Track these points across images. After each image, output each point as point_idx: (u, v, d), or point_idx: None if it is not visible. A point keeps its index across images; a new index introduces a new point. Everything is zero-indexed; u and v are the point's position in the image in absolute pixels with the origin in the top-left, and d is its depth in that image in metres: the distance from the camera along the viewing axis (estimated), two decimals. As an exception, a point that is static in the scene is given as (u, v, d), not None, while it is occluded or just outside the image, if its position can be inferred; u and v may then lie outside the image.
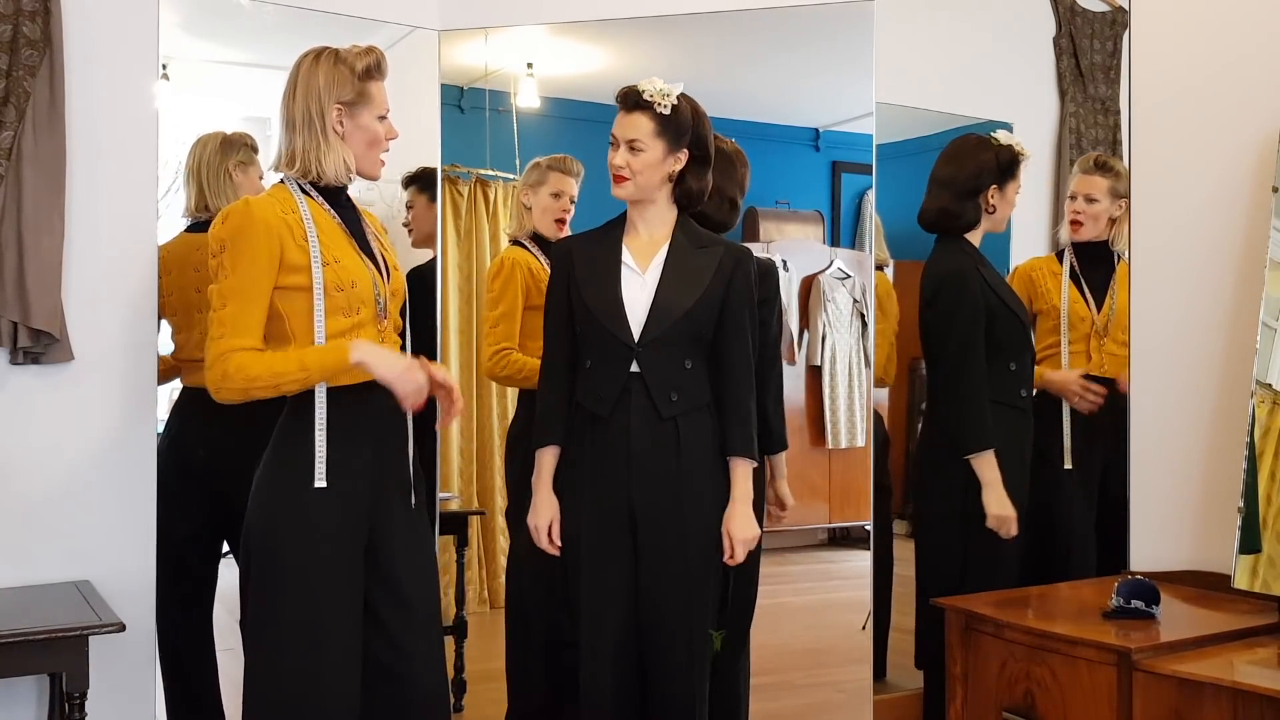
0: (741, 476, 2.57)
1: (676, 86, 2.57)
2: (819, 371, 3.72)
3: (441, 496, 3.47)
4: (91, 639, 2.48)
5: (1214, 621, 2.44)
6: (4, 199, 2.70)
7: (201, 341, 2.98)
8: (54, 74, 2.75)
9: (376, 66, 2.40)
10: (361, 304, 2.35)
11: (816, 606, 3.70)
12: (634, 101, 2.57)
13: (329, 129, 2.36)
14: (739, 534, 2.54)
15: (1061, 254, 3.34)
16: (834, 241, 3.79)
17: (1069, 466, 3.20)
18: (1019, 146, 3.19)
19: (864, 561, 3.33)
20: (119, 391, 2.91)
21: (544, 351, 2.70)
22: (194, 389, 3.05)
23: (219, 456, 2.94)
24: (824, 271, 3.73)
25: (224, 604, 3.05)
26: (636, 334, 2.54)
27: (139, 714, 2.93)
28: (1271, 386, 2.49)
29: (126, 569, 2.89)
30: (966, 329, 3.06)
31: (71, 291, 2.82)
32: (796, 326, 3.70)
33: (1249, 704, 2.06)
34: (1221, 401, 2.72)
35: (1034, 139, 3.44)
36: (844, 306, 3.72)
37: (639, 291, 2.57)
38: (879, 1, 3.24)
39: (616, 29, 3.45)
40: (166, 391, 3.04)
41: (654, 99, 2.55)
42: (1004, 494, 3.00)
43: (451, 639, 3.50)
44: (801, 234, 3.79)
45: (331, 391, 2.33)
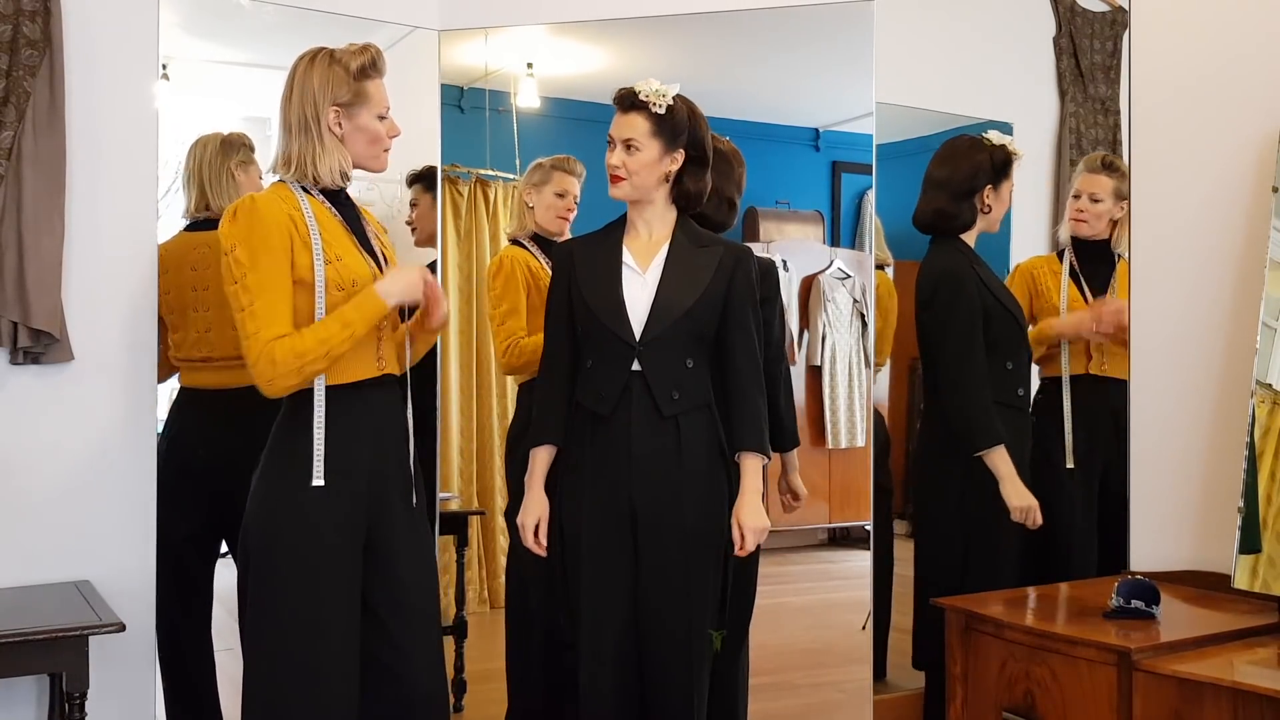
0: (752, 471, 2.58)
1: (673, 87, 2.58)
2: (819, 371, 3.72)
3: (441, 496, 3.47)
4: (91, 639, 2.48)
5: (1214, 621, 2.44)
6: (4, 199, 2.71)
7: (199, 340, 3.00)
8: (54, 74, 2.75)
9: (372, 64, 2.40)
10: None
11: (816, 606, 3.70)
12: (630, 102, 2.57)
13: (324, 132, 2.36)
14: (750, 523, 2.54)
15: (1062, 254, 3.34)
16: (834, 241, 3.79)
17: (1070, 466, 3.20)
18: (1012, 146, 3.21)
19: (864, 561, 3.33)
20: (119, 391, 2.91)
21: (544, 351, 2.70)
22: (192, 389, 3.05)
23: (218, 456, 2.94)
24: (824, 271, 3.73)
25: (224, 604, 3.05)
26: (638, 333, 2.55)
27: (139, 714, 2.93)
28: (1271, 386, 2.49)
29: (126, 569, 2.89)
30: (965, 329, 3.06)
31: (71, 291, 2.82)
32: (796, 326, 3.70)
33: (1249, 704, 2.06)
34: (1221, 401, 2.72)
35: (1034, 139, 3.44)
36: (844, 306, 3.72)
37: (640, 291, 2.58)
38: (879, 1, 3.24)
39: (616, 29, 3.45)
40: (166, 391, 3.04)
41: (649, 99, 2.55)
42: (1022, 486, 3.02)
43: (451, 639, 3.50)
44: (801, 234, 3.78)
45: (330, 390, 2.33)
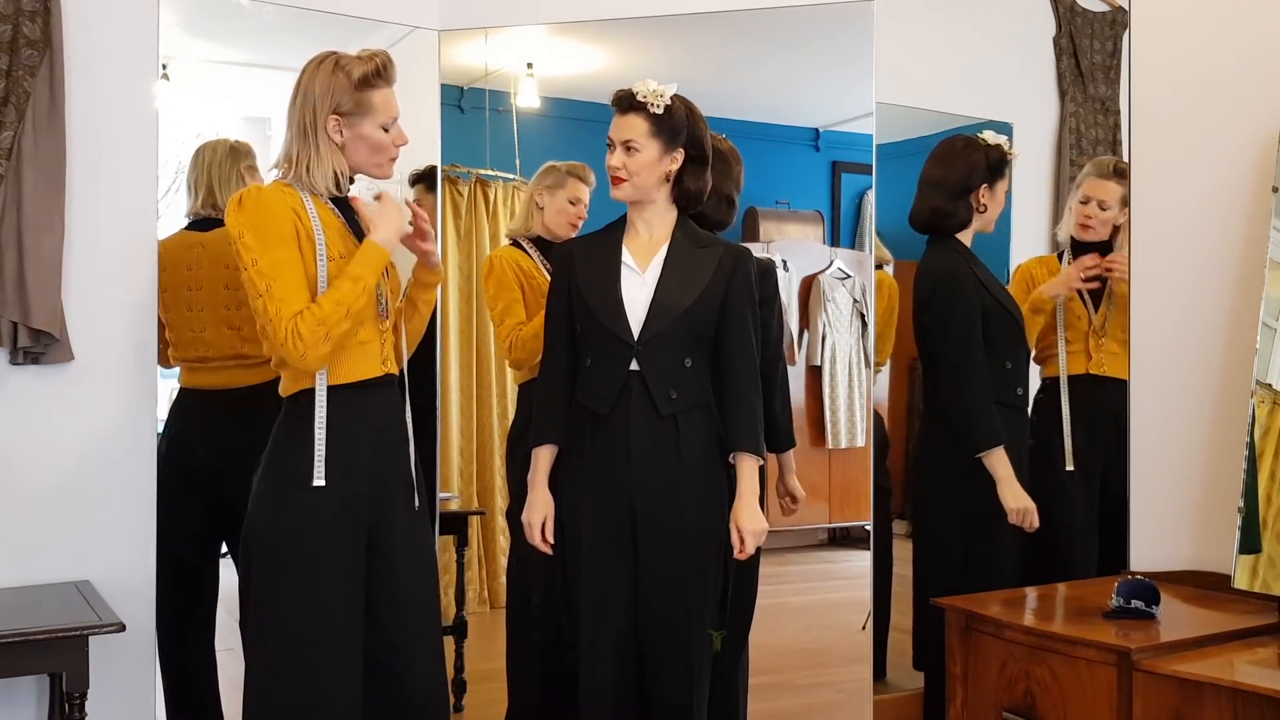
0: (748, 472, 2.57)
1: (670, 87, 2.58)
2: (819, 371, 3.72)
3: (441, 496, 3.47)
4: (91, 639, 2.48)
5: (1214, 621, 2.44)
6: (4, 199, 2.71)
7: (194, 340, 3.01)
8: (54, 74, 2.75)
9: (377, 73, 2.36)
10: (371, 308, 2.35)
11: (816, 606, 3.70)
12: (628, 103, 2.57)
13: (322, 139, 2.35)
14: (748, 526, 2.54)
15: (1061, 255, 3.34)
16: (834, 241, 3.79)
17: (1070, 468, 3.20)
18: (1007, 146, 3.21)
19: (864, 561, 3.33)
20: (119, 391, 2.91)
21: (544, 352, 2.70)
22: (191, 389, 3.05)
23: (219, 457, 2.94)
24: (824, 271, 3.73)
25: (224, 604, 3.05)
26: (636, 332, 2.55)
27: (139, 714, 2.93)
28: (1271, 386, 2.49)
29: (126, 569, 2.89)
30: (964, 329, 3.06)
31: (71, 291, 2.82)
32: (796, 326, 3.70)
33: (1249, 704, 2.06)
34: (1221, 401, 2.72)
35: (1034, 139, 3.44)
36: (844, 306, 3.72)
37: (639, 290, 2.58)
38: (879, 1, 3.24)
39: (616, 29, 3.45)
40: (166, 391, 3.04)
41: (648, 99, 2.55)
42: (1019, 488, 3.02)
43: (451, 639, 3.50)
44: (801, 234, 3.78)
45: (332, 390, 2.33)
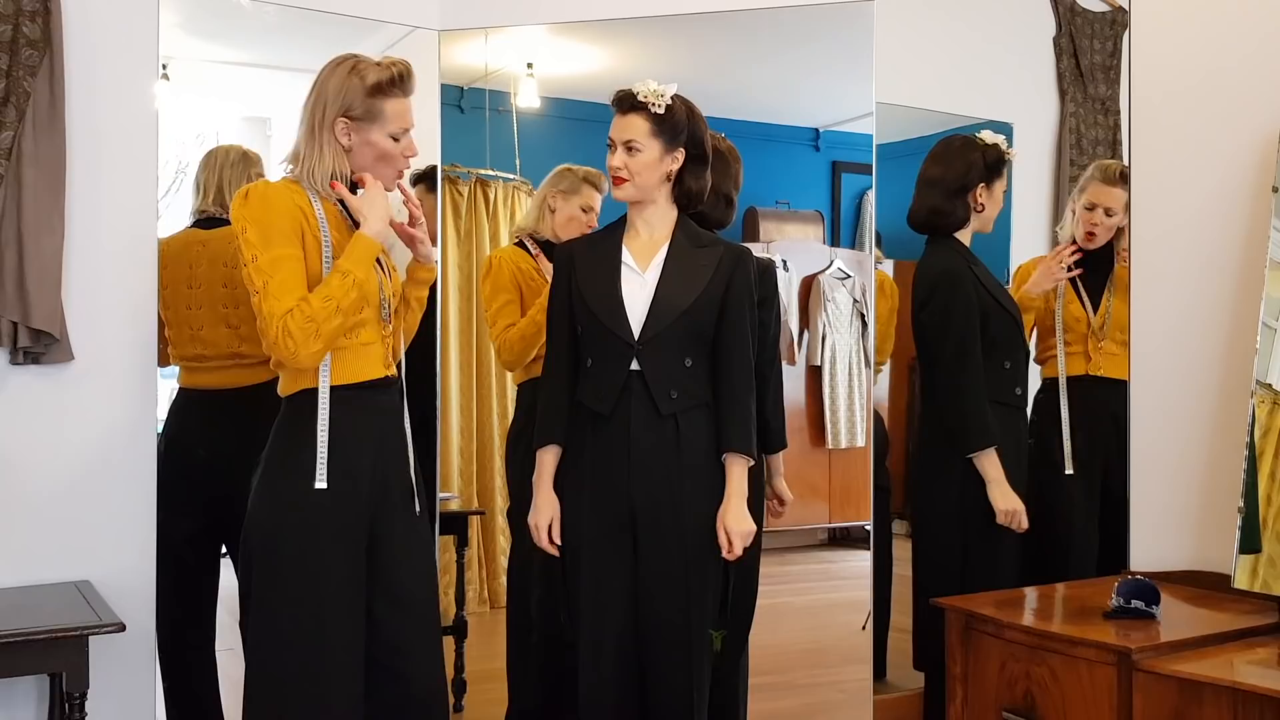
0: (737, 473, 2.57)
1: (670, 86, 2.58)
2: (819, 371, 3.72)
3: (441, 496, 3.47)
4: (91, 639, 2.48)
5: (1214, 621, 2.44)
6: (4, 199, 2.71)
7: (192, 338, 3.01)
8: (54, 74, 2.75)
9: (391, 83, 2.34)
10: (365, 303, 2.35)
11: (816, 606, 3.70)
12: (628, 103, 2.57)
13: (327, 140, 2.35)
14: (734, 527, 2.54)
15: (1061, 254, 3.34)
16: (834, 241, 3.79)
17: (1070, 472, 3.20)
18: (1004, 145, 3.21)
19: (864, 561, 3.33)
20: (119, 391, 2.91)
21: (546, 352, 2.70)
22: (190, 389, 3.05)
23: (217, 457, 2.94)
24: (824, 271, 3.73)
25: (224, 604, 3.05)
26: (636, 332, 2.55)
27: (139, 714, 2.93)
28: (1271, 386, 2.49)
29: (126, 569, 2.89)
30: (962, 329, 3.06)
31: (71, 291, 2.82)
32: (796, 326, 3.70)
33: (1249, 704, 2.06)
34: (1221, 401, 2.72)
35: (1034, 139, 3.44)
36: (844, 306, 3.72)
37: (639, 290, 2.58)
38: (879, 1, 3.24)
39: (616, 29, 3.45)
40: (166, 391, 3.04)
41: (648, 99, 2.55)
42: (1009, 489, 3.02)
43: (451, 639, 3.50)
44: (801, 234, 3.79)
45: (332, 390, 2.33)
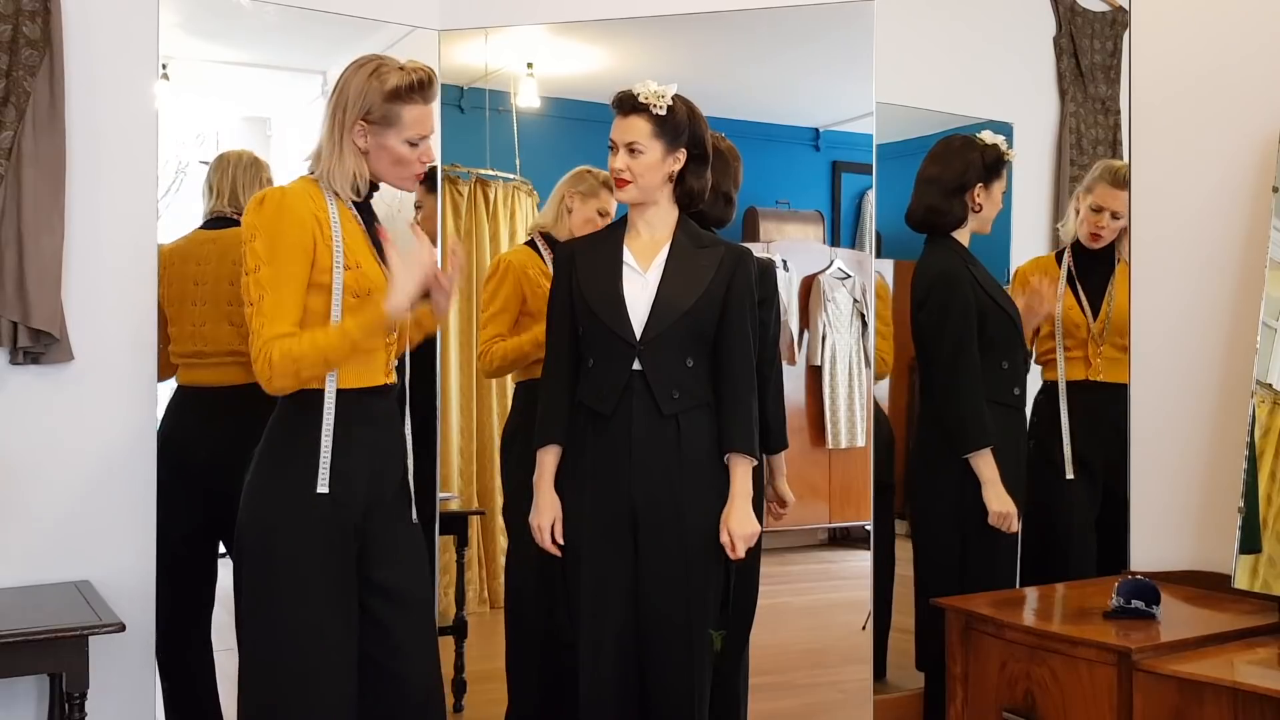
0: (741, 474, 2.58)
1: (670, 87, 2.58)
2: (819, 371, 3.72)
3: (441, 496, 3.46)
4: (91, 639, 2.48)
5: (1214, 621, 2.44)
6: (4, 199, 2.71)
7: (193, 334, 3.01)
8: (54, 74, 2.75)
9: (410, 89, 2.32)
10: (353, 356, 2.34)
11: (816, 606, 3.70)
12: (630, 105, 2.57)
13: (347, 142, 2.33)
14: (738, 529, 2.54)
15: (1060, 255, 3.33)
16: (834, 241, 3.79)
17: (1070, 477, 3.20)
18: (1004, 146, 3.21)
19: (864, 561, 3.33)
20: (119, 391, 2.91)
21: (546, 352, 2.70)
22: (189, 386, 3.05)
23: (215, 455, 2.94)
24: (824, 271, 3.73)
25: (223, 604, 3.05)
26: (638, 332, 2.55)
27: (139, 714, 2.93)
28: (1271, 386, 2.49)
29: (126, 569, 2.89)
30: (959, 328, 3.06)
31: (71, 291, 2.82)
32: (796, 326, 3.70)
33: (1249, 704, 2.06)
34: (1221, 401, 2.72)
35: (1034, 139, 3.44)
36: (844, 306, 3.73)
37: (640, 290, 2.58)
38: (879, 1, 3.24)
39: (616, 29, 3.45)
40: (166, 391, 3.04)
41: (649, 101, 2.55)
42: (1003, 491, 3.01)
43: (451, 639, 3.50)
44: (801, 234, 3.79)
45: (338, 394, 2.32)
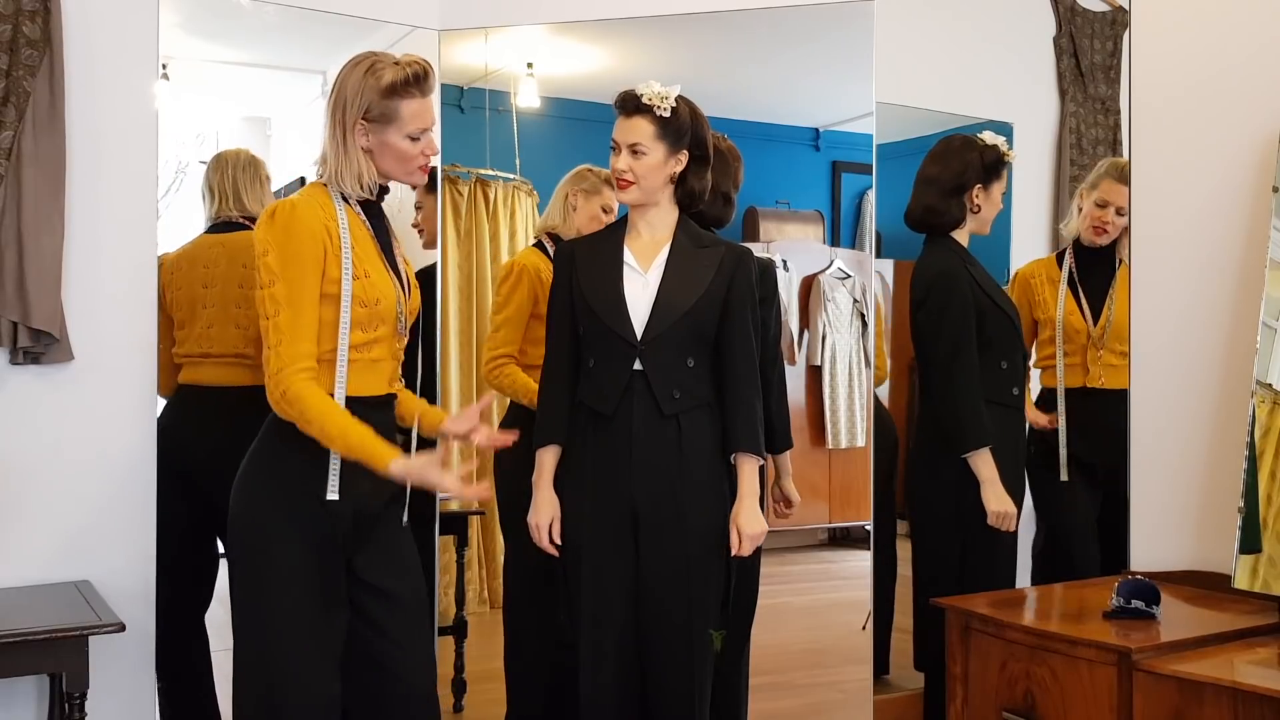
0: (749, 473, 2.58)
1: (674, 88, 2.58)
2: (819, 371, 3.72)
3: (441, 496, 3.46)
4: (91, 639, 2.48)
5: (1214, 621, 2.44)
6: (4, 199, 2.71)
7: (201, 335, 3.02)
8: (54, 74, 2.75)
9: (406, 83, 2.31)
10: (381, 321, 2.34)
11: (816, 606, 3.70)
12: (633, 105, 2.57)
13: (350, 143, 2.33)
14: (747, 529, 2.55)
15: (1061, 256, 3.33)
16: (834, 241, 3.79)
17: (1065, 479, 3.20)
18: (1004, 147, 3.20)
19: (864, 561, 3.33)
20: (119, 391, 2.90)
21: (546, 352, 2.70)
22: (191, 385, 3.05)
23: (216, 455, 2.92)
24: (824, 271, 3.73)
25: (222, 603, 3.05)
26: (639, 332, 2.55)
27: (139, 714, 2.93)
28: (1271, 386, 2.49)
29: (126, 569, 2.89)
30: (957, 328, 3.06)
31: (71, 291, 2.82)
32: (796, 326, 3.70)
33: (1249, 704, 2.06)
34: (1221, 401, 2.72)
35: (1034, 139, 3.44)
36: (844, 306, 3.73)
37: (641, 290, 2.58)
38: (879, 1, 3.24)
39: (616, 29, 3.45)
40: (166, 391, 3.05)
41: (653, 102, 2.54)
42: (1002, 490, 3.02)
43: (451, 639, 3.50)
44: (801, 234, 3.79)
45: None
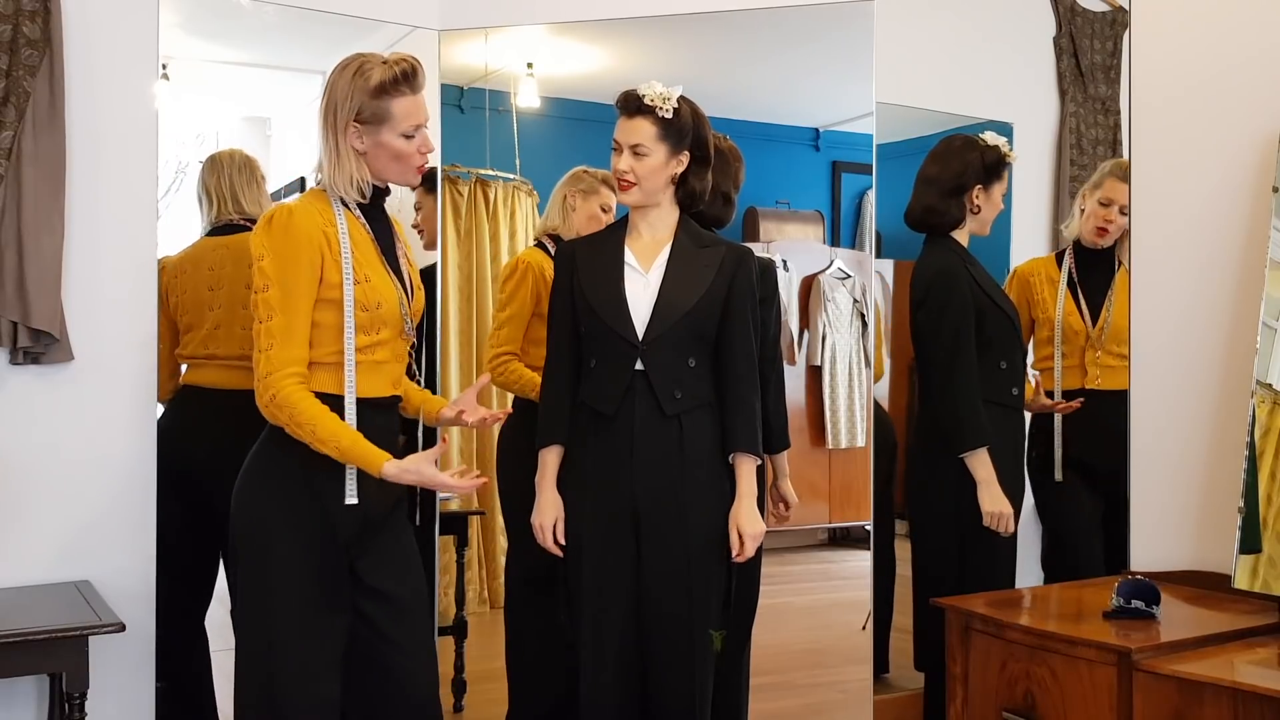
0: (746, 473, 2.58)
1: (676, 89, 2.57)
2: (819, 371, 3.72)
3: (442, 496, 3.46)
4: (91, 639, 2.48)
5: (1214, 621, 2.44)
6: (4, 199, 2.71)
7: (208, 338, 3.01)
8: (54, 74, 2.75)
9: (395, 82, 2.31)
10: (383, 324, 2.34)
11: (816, 606, 3.70)
12: (635, 106, 2.56)
13: (344, 146, 2.32)
14: (747, 529, 2.55)
15: (1061, 256, 3.33)
16: (834, 241, 3.79)
17: (1059, 479, 3.20)
18: (1005, 148, 3.20)
19: (864, 561, 3.33)
20: (119, 391, 2.91)
21: (547, 352, 2.70)
22: (194, 386, 3.05)
23: (217, 456, 2.92)
24: (824, 271, 3.73)
25: (222, 603, 3.05)
26: (640, 332, 2.55)
27: (139, 714, 2.93)
28: (1271, 386, 2.49)
29: (126, 569, 2.89)
30: (956, 328, 3.06)
31: (71, 291, 2.82)
32: (796, 326, 3.70)
33: (1249, 704, 2.06)
34: (1221, 401, 2.72)
35: (1034, 139, 3.44)
36: (844, 306, 3.72)
37: (642, 290, 2.58)
38: (879, 1, 3.24)
39: (616, 29, 3.45)
40: (166, 392, 3.05)
41: (655, 103, 2.54)
42: (999, 491, 3.01)
43: (451, 639, 3.50)
44: (801, 234, 3.79)
45: (336, 401, 2.31)
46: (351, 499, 2.29)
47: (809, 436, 3.69)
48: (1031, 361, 3.31)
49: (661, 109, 2.54)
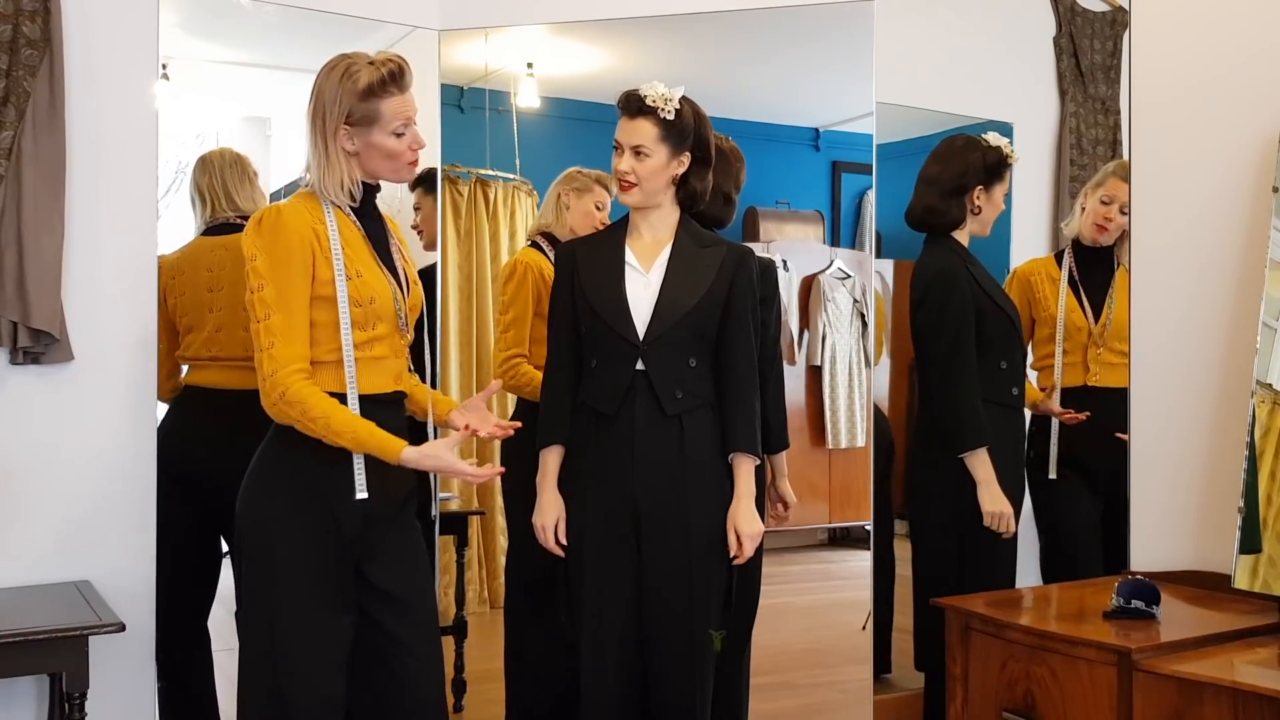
0: (745, 473, 2.58)
1: (678, 90, 2.57)
2: (819, 371, 3.72)
3: (441, 496, 3.46)
4: (91, 639, 2.48)
5: (1214, 621, 2.44)
6: (4, 199, 2.71)
7: (210, 339, 3.01)
8: (54, 74, 2.75)
9: (383, 82, 2.30)
10: (378, 319, 2.34)
11: (816, 606, 3.70)
12: (637, 107, 2.56)
13: (333, 148, 2.32)
14: (746, 529, 2.55)
15: (1060, 255, 3.33)
16: (834, 241, 3.79)
17: (1053, 477, 3.20)
18: (1007, 149, 3.20)
19: (864, 561, 3.33)
20: (119, 391, 2.91)
21: (548, 352, 2.70)
22: (197, 387, 3.05)
23: (219, 456, 2.93)
24: (824, 271, 3.73)
25: (222, 603, 3.05)
26: (641, 332, 2.55)
27: (139, 714, 2.93)
28: (1271, 386, 2.49)
29: (126, 569, 2.89)
30: (956, 327, 3.06)
31: (71, 291, 2.82)
32: (796, 326, 3.70)
33: (1249, 704, 2.06)
34: (1221, 401, 2.72)
35: (1034, 139, 3.44)
36: (844, 306, 3.72)
37: (643, 290, 2.58)
38: (879, 1, 3.25)
39: (616, 29, 3.46)
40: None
41: (657, 104, 2.54)
42: (998, 491, 3.02)
43: (451, 639, 3.50)
44: (801, 234, 3.79)
45: (338, 398, 2.31)
46: (361, 493, 2.29)
47: (809, 436, 3.69)
48: (1031, 361, 3.31)
49: (663, 110, 2.54)
